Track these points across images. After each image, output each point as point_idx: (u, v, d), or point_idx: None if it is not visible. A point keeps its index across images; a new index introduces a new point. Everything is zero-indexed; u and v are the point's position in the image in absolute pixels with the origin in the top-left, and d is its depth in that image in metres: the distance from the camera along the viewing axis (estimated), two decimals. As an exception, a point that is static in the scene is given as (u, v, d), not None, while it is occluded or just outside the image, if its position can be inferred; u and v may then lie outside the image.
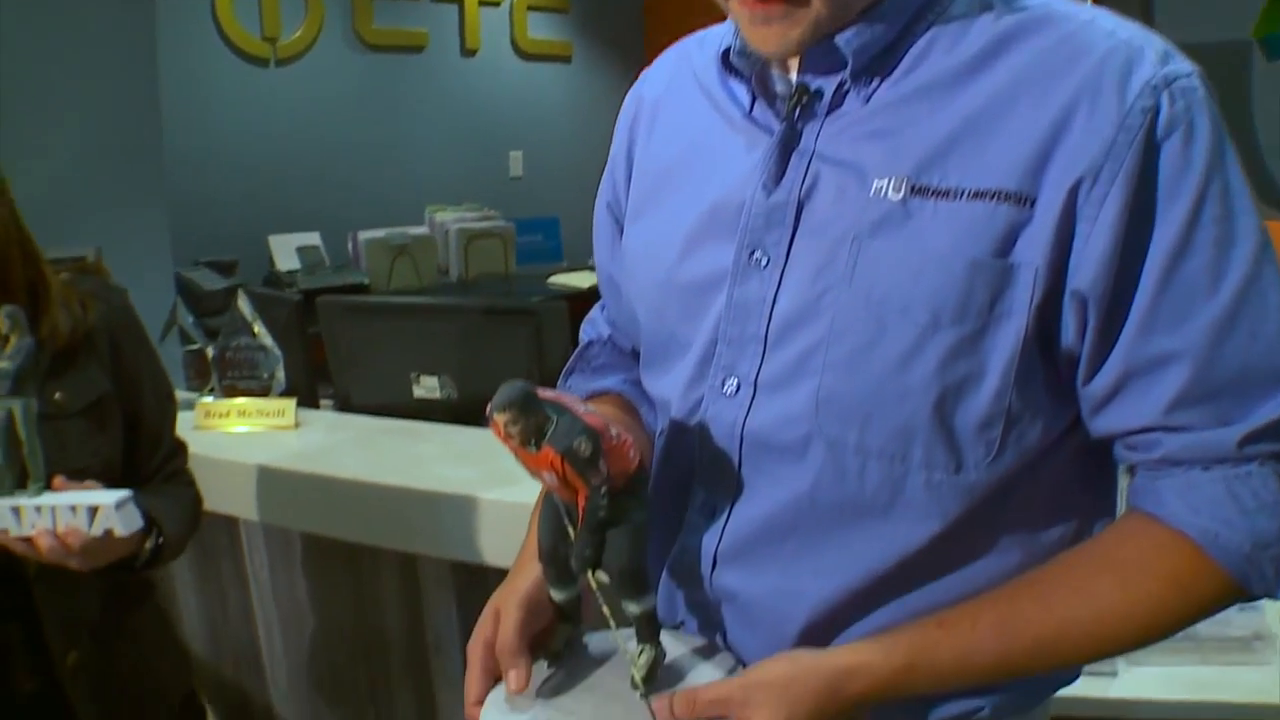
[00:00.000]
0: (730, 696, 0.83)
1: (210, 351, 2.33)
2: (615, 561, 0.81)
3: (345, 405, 2.45)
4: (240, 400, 2.23)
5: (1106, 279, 0.79)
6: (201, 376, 2.40)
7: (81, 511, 1.19)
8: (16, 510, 1.19)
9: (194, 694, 1.62)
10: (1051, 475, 0.88)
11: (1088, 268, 0.79)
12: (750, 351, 0.89)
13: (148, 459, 1.47)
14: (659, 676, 0.87)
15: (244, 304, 2.29)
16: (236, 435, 2.17)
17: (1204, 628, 1.25)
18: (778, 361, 0.87)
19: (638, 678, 0.85)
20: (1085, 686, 1.03)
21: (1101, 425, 0.85)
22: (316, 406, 2.51)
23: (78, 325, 1.35)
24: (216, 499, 2.06)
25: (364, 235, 4.45)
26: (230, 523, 2.18)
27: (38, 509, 1.19)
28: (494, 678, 0.92)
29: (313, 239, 4.41)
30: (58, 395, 1.33)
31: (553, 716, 0.87)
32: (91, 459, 1.35)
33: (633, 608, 0.85)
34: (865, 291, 0.82)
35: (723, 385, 0.90)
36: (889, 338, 0.82)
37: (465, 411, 2.25)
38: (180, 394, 2.39)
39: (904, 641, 0.84)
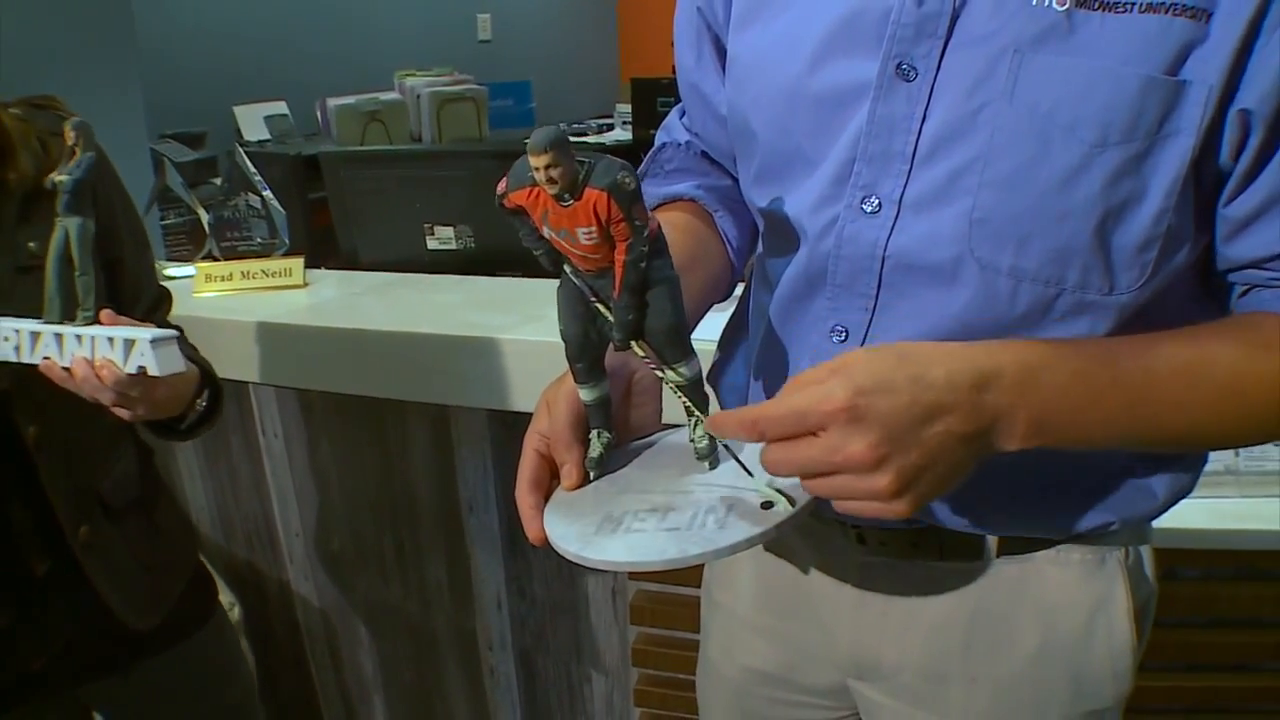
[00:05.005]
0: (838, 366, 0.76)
1: (205, 216, 2.22)
2: (660, 321, 0.78)
3: (352, 265, 2.35)
4: (243, 261, 2.13)
5: (1277, 96, 0.75)
6: (196, 244, 2.28)
7: (118, 344, 1.10)
8: (59, 337, 1.12)
9: (203, 565, 1.54)
10: (1178, 296, 0.87)
11: (1260, 83, 0.75)
12: (894, 170, 0.85)
13: (129, 309, 1.33)
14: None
15: (243, 161, 2.18)
16: (242, 298, 2.07)
17: (1243, 463, 1.49)
18: (925, 180, 0.84)
19: (701, 444, 0.83)
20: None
21: (1236, 251, 0.83)
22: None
23: (42, 165, 1.20)
24: (225, 365, 1.96)
25: (333, 102, 4.29)
26: (240, 390, 2.09)
27: (79, 338, 1.11)
28: (547, 468, 0.88)
29: (279, 108, 4.26)
30: (31, 244, 1.20)
31: (626, 502, 0.84)
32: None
33: (684, 370, 0.81)
34: (1029, 107, 0.78)
35: (862, 203, 0.86)
36: (1053, 156, 0.78)
37: (486, 262, 2.16)
38: (167, 266, 2.29)
39: (1038, 348, 0.79)
